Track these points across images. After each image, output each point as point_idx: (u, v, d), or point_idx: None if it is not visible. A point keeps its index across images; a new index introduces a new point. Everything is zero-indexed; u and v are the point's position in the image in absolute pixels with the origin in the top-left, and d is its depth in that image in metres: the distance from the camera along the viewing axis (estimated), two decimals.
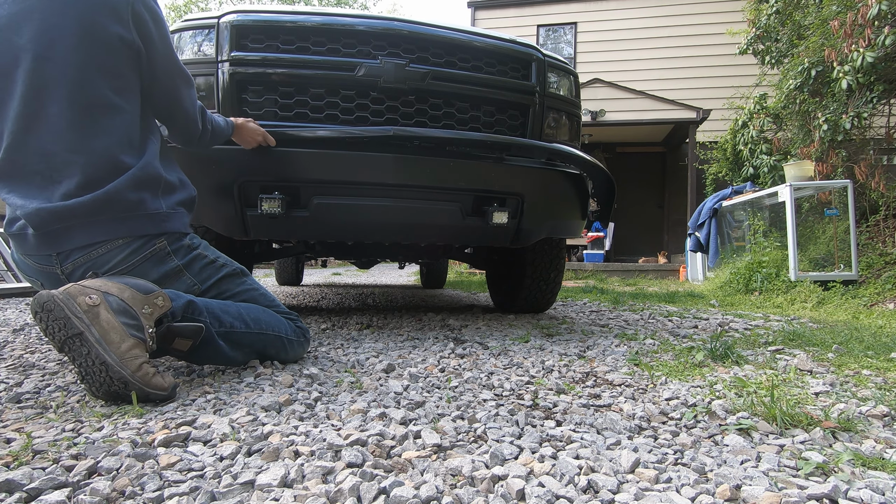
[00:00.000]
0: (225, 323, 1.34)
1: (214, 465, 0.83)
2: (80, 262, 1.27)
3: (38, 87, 1.21)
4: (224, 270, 1.45)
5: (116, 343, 1.08)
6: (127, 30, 1.26)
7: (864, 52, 4.35)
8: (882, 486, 0.77)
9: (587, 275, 8.19)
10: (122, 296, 1.14)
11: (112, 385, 1.08)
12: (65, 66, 1.21)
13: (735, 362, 1.63)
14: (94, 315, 1.08)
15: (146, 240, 1.30)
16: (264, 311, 1.47)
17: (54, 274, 1.29)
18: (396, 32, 1.91)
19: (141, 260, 1.30)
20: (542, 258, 2.66)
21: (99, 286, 1.14)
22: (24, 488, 0.73)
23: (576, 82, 2.30)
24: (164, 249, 1.33)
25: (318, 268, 12.24)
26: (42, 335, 1.10)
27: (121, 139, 1.28)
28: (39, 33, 1.20)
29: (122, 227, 1.27)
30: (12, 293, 3.97)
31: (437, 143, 1.91)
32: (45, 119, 1.22)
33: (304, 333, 1.57)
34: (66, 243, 1.25)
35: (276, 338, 1.46)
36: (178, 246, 1.36)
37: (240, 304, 1.43)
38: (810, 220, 5.46)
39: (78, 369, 1.09)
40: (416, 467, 0.83)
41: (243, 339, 1.38)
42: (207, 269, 1.42)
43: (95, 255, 1.26)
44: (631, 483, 0.79)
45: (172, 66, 1.40)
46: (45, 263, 1.29)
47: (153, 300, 1.19)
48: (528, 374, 1.48)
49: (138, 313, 1.15)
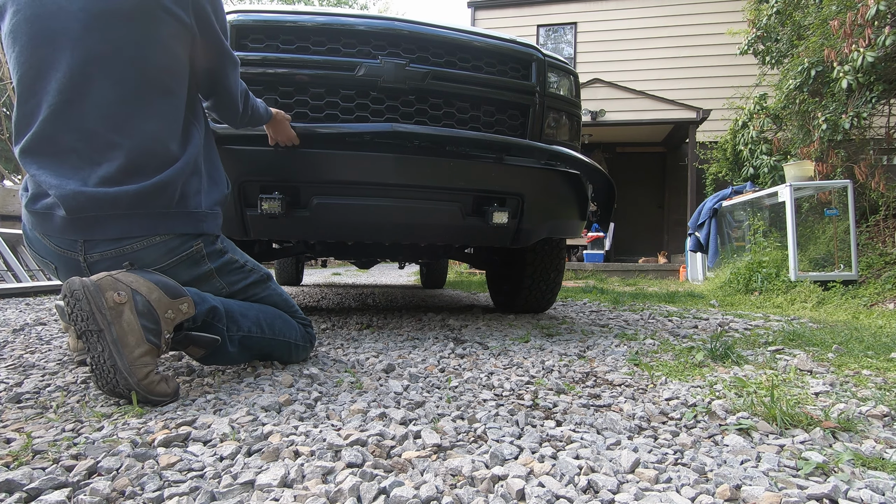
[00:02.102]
0: (243, 328, 1.33)
1: (214, 465, 0.83)
2: (111, 254, 1.20)
3: (87, 59, 1.13)
4: (252, 277, 1.43)
5: (131, 347, 1.07)
6: (185, 12, 1.22)
7: (864, 51, 4.35)
8: (882, 486, 0.77)
9: (587, 275, 8.19)
10: (149, 297, 1.13)
11: (117, 386, 1.08)
12: (118, 41, 1.14)
13: (735, 362, 1.63)
14: (118, 314, 1.07)
15: (184, 240, 1.26)
16: (281, 317, 1.47)
17: (74, 261, 1.22)
18: (396, 32, 1.91)
19: (176, 262, 1.26)
20: (542, 258, 2.66)
21: (130, 282, 1.12)
22: (24, 488, 0.73)
23: (576, 82, 2.30)
24: (200, 252, 1.29)
25: (318, 268, 12.24)
26: (66, 317, 1.10)
27: (170, 125, 1.22)
28: (92, 2, 1.13)
29: (163, 224, 1.22)
30: (12, 293, 3.97)
31: (435, 142, 1.90)
32: (90, 95, 1.14)
33: (311, 339, 1.57)
34: (98, 232, 1.18)
35: (286, 343, 1.47)
36: (212, 249, 1.32)
37: (259, 308, 1.42)
38: (810, 220, 5.46)
39: (90, 359, 1.09)
40: (416, 467, 0.83)
41: (256, 344, 1.39)
42: (237, 274, 1.40)
43: (129, 251, 1.21)
44: (631, 483, 0.79)
45: (221, 48, 1.34)
46: (66, 248, 1.21)
47: (178, 305, 1.17)
48: (528, 374, 1.48)
49: (160, 317, 1.13)
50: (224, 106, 1.46)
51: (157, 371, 1.13)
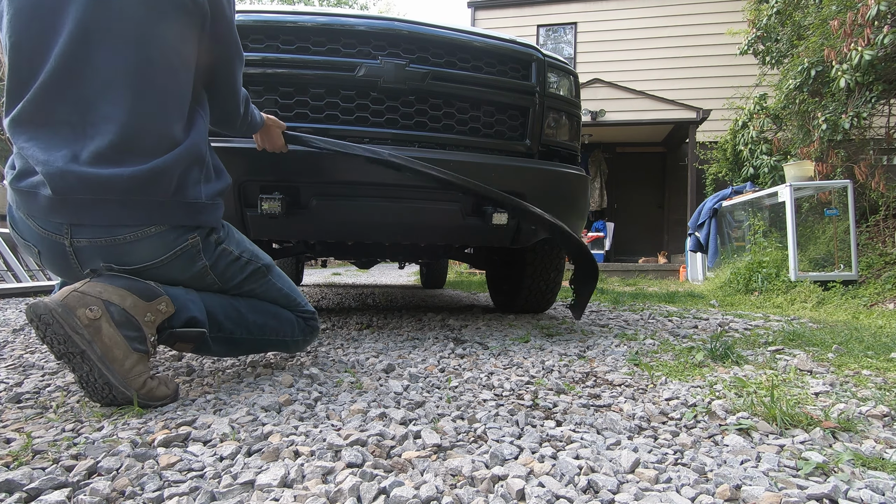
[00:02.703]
0: (225, 329, 1.28)
1: (214, 465, 0.83)
2: (101, 242, 1.11)
3: (90, 28, 1.06)
4: (248, 269, 1.34)
5: (120, 360, 1.04)
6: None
7: (862, 50, 4.35)
8: (882, 486, 0.77)
9: None
10: (123, 304, 1.08)
11: (114, 400, 1.07)
12: (125, 10, 1.08)
13: (735, 362, 1.63)
14: (96, 330, 1.02)
15: (180, 232, 1.18)
16: (276, 315, 1.40)
17: (59, 244, 1.12)
18: (396, 32, 1.92)
19: (170, 258, 1.18)
20: (542, 258, 2.66)
21: (100, 293, 1.06)
22: (24, 488, 0.73)
23: (576, 82, 2.30)
24: (196, 246, 1.21)
25: (318, 268, 12.23)
26: (40, 340, 1.05)
27: (173, 107, 1.15)
28: None
29: (157, 214, 1.13)
30: (12, 293, 3.97)
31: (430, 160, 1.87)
32: (91, 65, 1.07)
33: (313, 331, 1.50)
34: (86, 217, 1.09)
35: (278, 342, 1.41)
36: (207, 242, 1.24)
37: (250, 307, 1.35)
38: (810, 220, 5.46)
39: (77, 377, 1.05)
40: (416, 467, 0.83)
41: (242, 344, 1.35)
42: (232, 268, 1.31)
43: (121, 241, 1.12)
44: (631, 483, 0.79)
45: (231, 38, 1.28)
46: (51, 230, 1.12)
47: (156, 307, 1.13)
48: (528, 374, 1.48)
49: (140, 322, 1.09)
50: (224, 106, 1.39)
51: (153, 375, 1.11)
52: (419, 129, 1.96)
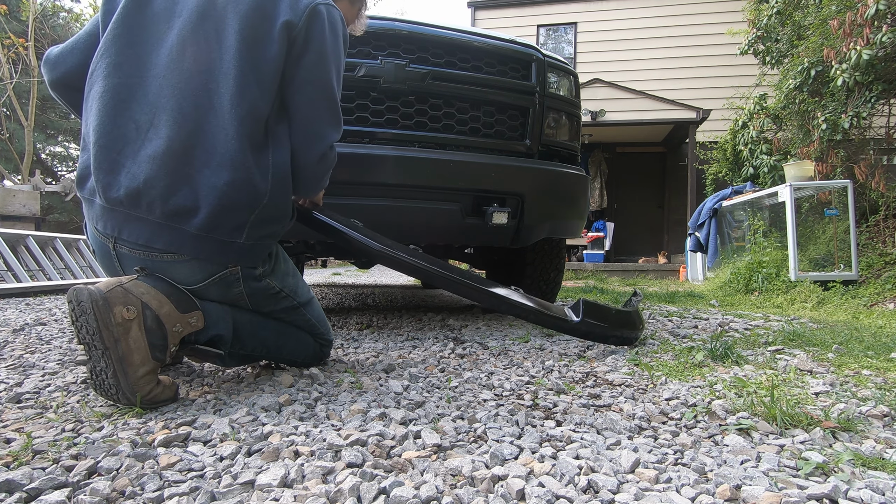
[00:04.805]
0: (247, 347, 1.30)
1: (214, 465, 0.83)
2: (139, 255, 1.15)
3: (186, 41, 1.13)
4: (284, 303, 1.35)
5: (136, 366, 1.05)
6: (296, 14, 1.16)
7: (861, 50, 4.35)
8: (882, 486, 0.77)
9: (587, 275, 8.19)
10: (160, 311, 1.09)
11: (118, 400, 1.07)
12: (221, 30, 1.14)
13: (735, 362, 1.63)
14: (125, 330, 1.04)
15: (219, 265, 1.19)
16: (297, 339, 1.40)
17: (106, 246, 1.19)
18: (396, 33, 1.92)
19: (206, 285, 1.20)
20: (542, 258, 2.66)
21: (142, 294, 1.08)
22: (24, 488, 0.73)
23: (576, 82, 2.30)
24: (235, 275, 1.22)
25: (318, 268, 12.24)
26: (71, 321, 1.07)
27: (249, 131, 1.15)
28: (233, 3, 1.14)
29: (189, 245, 1.14)
30: (12, 293, 3.97)
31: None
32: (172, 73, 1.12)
33: (324, 358, 1.52)
34: (125, 231, 1.14)
35: (289, 360, 1.44)
36: (248, 274, 1.24)
37: (275, 328, 1.36)
38: (810, 220, 5.46)
39: (89, 366, 1.06)
40: (416, 467, 0.83)
41: (256, 360, 1.37)
42: (268, 300, 1.32)
43: (158, 259, 1.15)
44: (631, 483, 0.79)
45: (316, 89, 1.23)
46: (102, 232, 1.18)
47: (188, 319, 1.14)
48: (528, 374, 1.48)
49: (168, 332, 1.10)
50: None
51: (158, 381, 1.11)
52: (419, 129, 1.96)
